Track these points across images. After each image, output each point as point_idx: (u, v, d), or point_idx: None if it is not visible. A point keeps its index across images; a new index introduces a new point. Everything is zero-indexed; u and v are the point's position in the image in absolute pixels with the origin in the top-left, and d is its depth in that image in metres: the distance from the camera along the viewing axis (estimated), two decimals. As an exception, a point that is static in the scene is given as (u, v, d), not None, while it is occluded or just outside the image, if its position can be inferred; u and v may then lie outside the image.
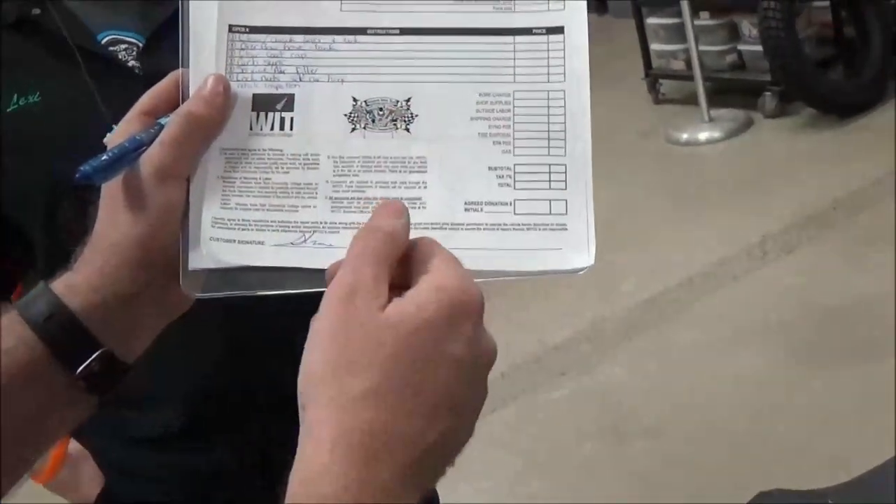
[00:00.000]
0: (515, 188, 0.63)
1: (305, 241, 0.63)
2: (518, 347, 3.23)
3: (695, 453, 2.66)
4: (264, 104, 0.65)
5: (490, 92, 0.64)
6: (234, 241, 0.64)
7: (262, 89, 0.66)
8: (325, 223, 0.63)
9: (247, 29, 0.66)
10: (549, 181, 0.63)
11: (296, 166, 0.64)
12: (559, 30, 0.65)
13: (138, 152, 0.64)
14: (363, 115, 0.65)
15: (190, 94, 0.65)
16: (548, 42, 0.65)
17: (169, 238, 0.64)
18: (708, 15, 4.94)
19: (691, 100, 4.90)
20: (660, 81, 5.33)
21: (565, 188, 0.63)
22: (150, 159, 0.63)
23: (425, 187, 0.63)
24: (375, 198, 0.63)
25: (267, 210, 0.64)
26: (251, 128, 0.65)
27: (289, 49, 0.66)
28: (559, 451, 2.83)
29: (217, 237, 0.64)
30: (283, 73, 0.66)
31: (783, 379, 2.84)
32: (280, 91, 0.66)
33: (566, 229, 0.63)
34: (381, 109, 0.65)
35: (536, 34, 0.65)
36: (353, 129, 0.65)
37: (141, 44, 1.18)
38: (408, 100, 0.65)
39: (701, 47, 4.78)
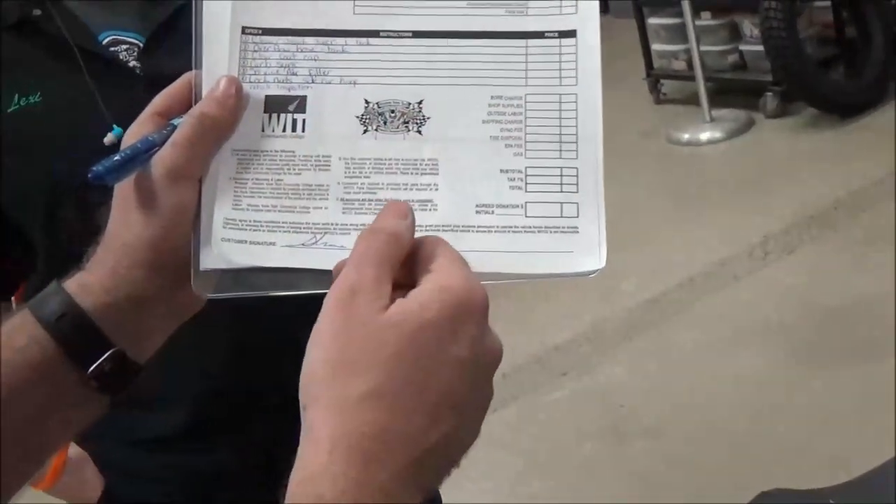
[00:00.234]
0: (527, 191, 0.63)
1: (316, 243, 0.63)
2: (519, 348, 3.23)
3: (695, 453, 2.66)
4: (276, 106, 0.65)
5: (502, 95, 0.64)
6: (246, 242, 0.64)
7: (275, 91, 0.65)
8: (337, 224, 0.63)
9: (260, 31, 0.66)
10: (561, 184, 0.63)
11: (307, 168, 0.64)
12: (571, 33, 0.65)
13: (150, 153, 0.64)
14: (375, 117, 0.65)
15: (202, 96, 0.65)
16: (560, 45, 0.65)
17: (181, 239, 0.64)
18: (709, 15, 4.94)
19: (692, 100, 4.90)
20: (661, 81, 5.33)
21: (577, 191, 0.63)
22: (163, 160, 0.63)
23: (436, 189, 0.63)
24: (386, 199, 0.63)
25: (278, 211, 0.64)
26: (263, 129, 0.65)
27: (301, 51, 0.66)
28: (560, 452, 2.83)
29: (228, 238, 0.64)
30: (296, 75, 0.66)
31: (783, 379, 2.84)
32: (292, 93, 0.65)
33: (577, 232, 0.63)
34: (393, 111, 0.64)
35: (549, 37, 0.65)
36: (365, 131, 0.64)
37: (141, 44, 1.18)
38: (420, 102, 0.65)
39: (702, 47, 4.78)
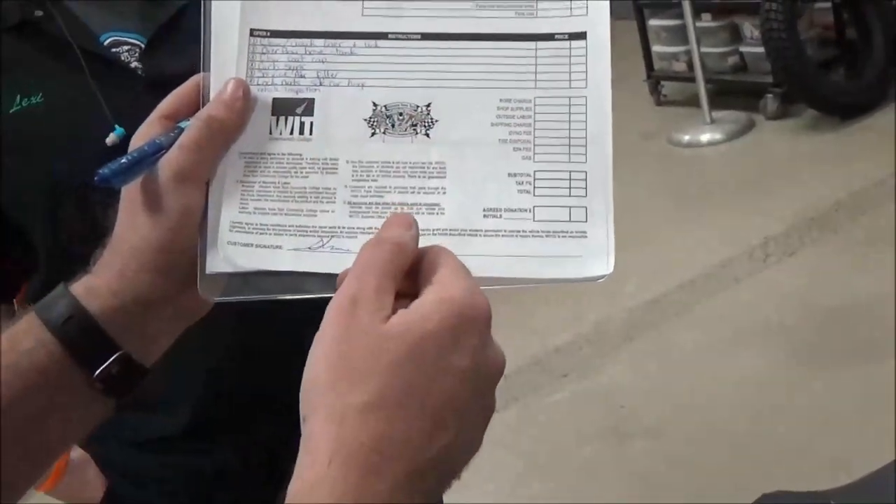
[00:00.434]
0: (535, 195, 0.63)
1: (323, 246, 0.63)
2: (519, 349, 3.23)
3: (696, 454, 2.66)
4: (284, 108, 0.65)
5: (511, 98, 0.64)
6: (252, 246, 0.64)
7: (283, 93, 0.65)
8: (343, 228, 0.63)
9: (268, 33, 0.66)
10: (570, 188, 0.63)
11: (315, 171, 0.64)
12: (581, 35, 0.65)
13: (158, 156, 0.63)
14: (383, 120, 0.64)
15: (210, 98, 0.65)
16: (570, 48, 0.64)
17: (187, 242, 0.64)
18: (710, 16, 4.94)
19: (693, 101, 4.90)
20: (661, 83, 5.33)
21: (585, 195, 0.63)
22: (170, 163, 0.63)
23: (444, 193, 0.63)
24: (394, 203, 0.63)
25: (285, 214, 0.64)
26: (271, 132, 0.65)
27: (309, 53, 0.66)
28: (561, 453, 2.83)
29: (235, 241, 0.64)
30: (304, 78, 0.65)
31: (784, 380, 2.84)
32: (300, 95, 0.65)
33: (586, 236, 0.62)
34: (401, 114, 0.64)
35: (559, 40, 0.65)
36: (373, 134, 0.64)
37: (143, 45, 1.18)
38: (428, 105, 0.64)
39: (703, 49, 4.78)
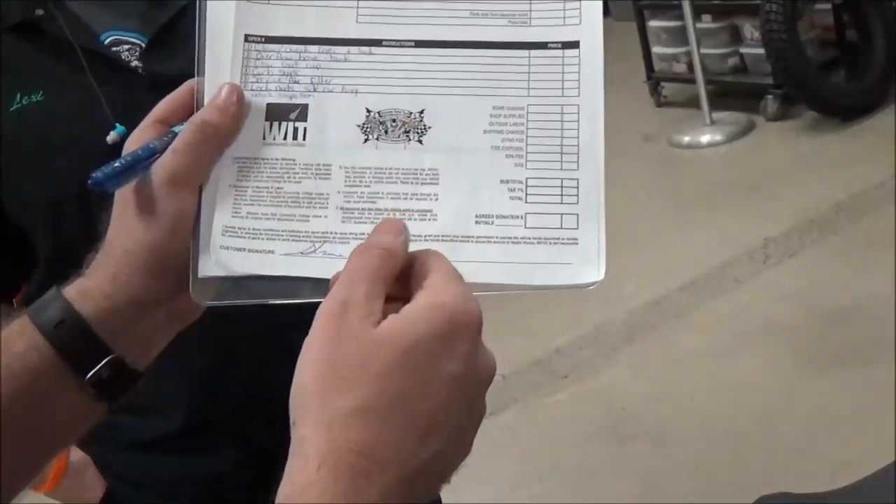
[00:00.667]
0: (527, 202, 0.63)
1: (315, 251, 0.63)
2: (520, 350, 3.23)
3: (696, 456, 2.66)
4: (278, 114, 0.65)
5: (504, 105, 0.64)
6: (245, 250, 0.64)
7: (276, 99, 0.66)
8: (336, 233, 0.63)
9: (262, 38, 0.67)
10: (562, 195, 0.63)
11: (308, 176, 0.64)
12: (575, 44, 0.65)
13: (151, 160, 0.64)
14: (376, 127, 0.65)
15: (204, 103, 0.65)
16: (563, 56, 0.65)
17: (180, 246, 0.64)
18: (710, 18, 4.94)
19: (693, 103, 4.91)
20: (661, 84, 5.34)
21: (577, 202, 0.63)
22: (163, 167, 0.63)
23: (436, 199, 0.63)
24: (386, 209, 0.63)
25: (278, 219, 0.64)
26: (264, 137, 0.65)
27: (304, 59, 0.66)
28: (560, 454, 2.83)
29: (227, 245, 0.64)
30: (298, 83, 0.66)
31: (784, 382, 2.84)
32: (294, 101, 0.66)
33: (577, 244, 0.63)
34: (395, 121, 0.65)
35: (552, 48, 0.65)
36: (366, 140, 0.65)
37: (143, 44, 1.18)
38: (421, 112, 0.65)
39: (703, 50, 4.78)
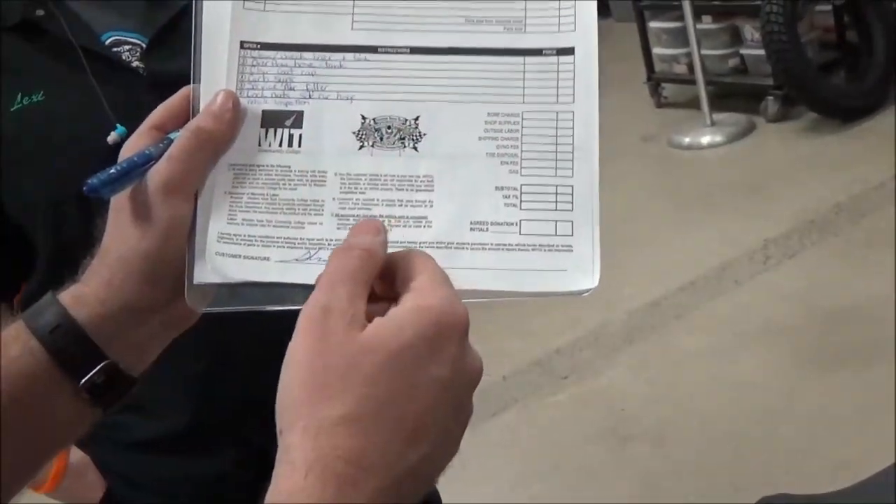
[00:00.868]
0: (521, 208, 0.63)
1: (311, 258, 0.63)
2: (519, 351, 3.23)
3: (696, 456, 2.66)
4: (273, 120, 0.65)
5: (499, 112, 0.64)
6: (240, 257, 0.64)
7: (272, 105, 0.66)
8: (331, 240, 0.63)
9: (258, 45, 0.67)
10: (556, 202, 0.63)
11: (303, 183, 0.65)
12: (569, 51, 0.65)
13: (147, 166, 0.64)
14: (371, 133, 0.65)
15: (200, 110, 0.65)
16: (558, 63, 0.65)
17: (176, 252, 0.64)
18: (710, 19, 4.94)
19: (693, 104, 4.91)
20: (662, 85, 5.33)
21: (572, 209, 0.63)
22: (159, 173, 0.63)
23: (431, 206, 0.63)
24: (381, 216, 0.63)
25: (273, 226, 0.64)
26: (260, 144, 0.65)
27: (299, 66, 0.66)
28: (560, 455, 2.83)
29: (223, 252, 0.64)
30: (293, 90, 0.66)
31: (785, 382, 2.84)
32: (289, 108, 0.66)
33: (571, 251, 0.63)
34: (390, 128, 0.65)
35: (547, 55, 0.65)
36: (361, 147, 0.65)
37: (144, 44, 1.18)
38: (416, 118, 0.65)
39: (703, 51, 4.78)
